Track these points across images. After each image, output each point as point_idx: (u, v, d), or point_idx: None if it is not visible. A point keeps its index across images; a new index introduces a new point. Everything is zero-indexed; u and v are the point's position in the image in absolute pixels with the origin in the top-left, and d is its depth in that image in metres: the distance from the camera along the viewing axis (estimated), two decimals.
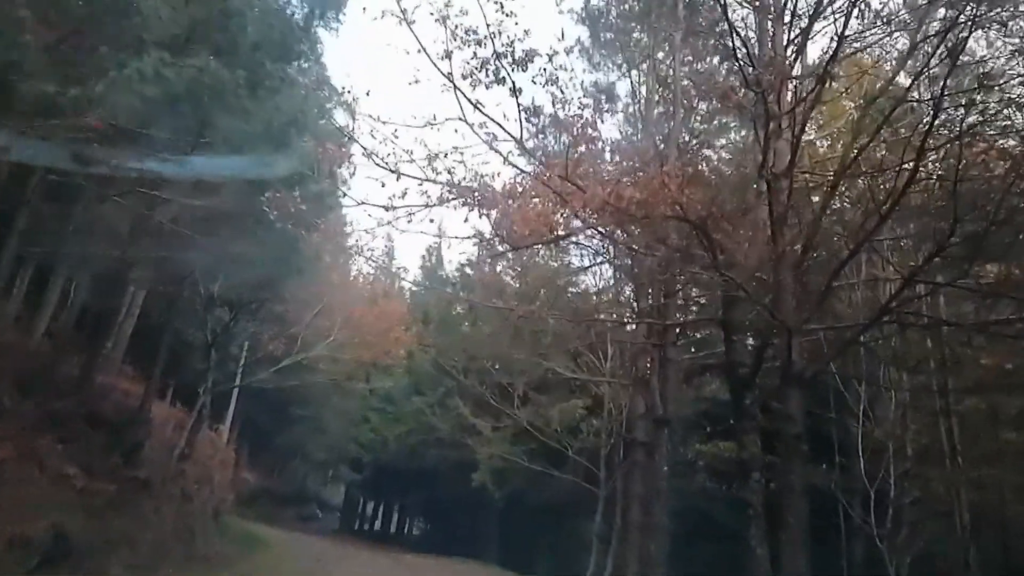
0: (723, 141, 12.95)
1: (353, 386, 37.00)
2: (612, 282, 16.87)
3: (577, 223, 8.55)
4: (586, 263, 14.73)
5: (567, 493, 24.29)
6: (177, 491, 18.33)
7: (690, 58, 11.26)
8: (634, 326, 16.80)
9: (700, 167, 7.94)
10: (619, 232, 9.76)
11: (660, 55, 11.82)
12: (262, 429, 43.97)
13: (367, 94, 17.32)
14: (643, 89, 12.29)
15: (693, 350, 17.30)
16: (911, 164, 6.87)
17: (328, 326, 19.74)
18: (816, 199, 9.06)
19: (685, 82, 10.96)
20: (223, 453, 27.00)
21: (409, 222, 9.98)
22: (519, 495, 25.38)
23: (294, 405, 39.25)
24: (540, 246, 12.36)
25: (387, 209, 9.83)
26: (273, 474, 47.61)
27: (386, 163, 9.77)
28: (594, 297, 19.81)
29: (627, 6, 12.02)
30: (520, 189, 9.19)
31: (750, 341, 11.34)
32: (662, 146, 10.45)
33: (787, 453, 8.26)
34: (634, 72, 11.79)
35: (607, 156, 9.46)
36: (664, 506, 11.59)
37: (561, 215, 8.42)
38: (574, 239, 11.53)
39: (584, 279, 20.83)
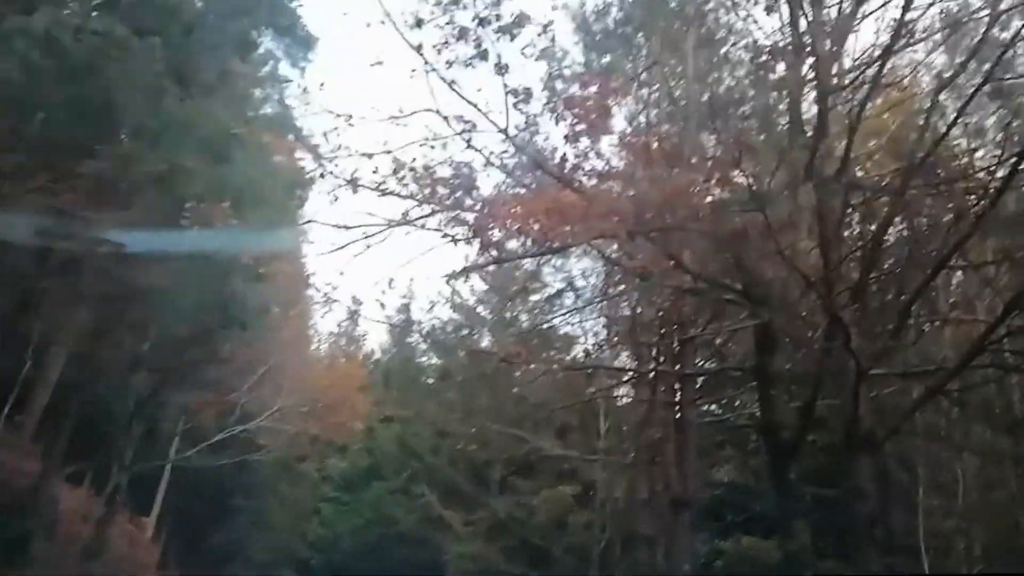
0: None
1: (305, 471, 33.94)
2: (606, 327, 15.07)
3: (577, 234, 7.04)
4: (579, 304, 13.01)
5: None
6: None
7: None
8: (634, 386, 15.06)
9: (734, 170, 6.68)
10: (624, 255, 8.34)
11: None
12: (197, 523, 39.85)
13: (321, 87, 15.77)
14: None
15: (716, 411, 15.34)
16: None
17: (274, 393, 17.52)
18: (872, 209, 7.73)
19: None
20: (145, 551, 23.77)
21: (368, 247, 8.44)
22: None
23: (236, 495, 35.80)
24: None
25: (345, 228, 8.30)
26: None
27: (338, 173, 8.37)
28: (588, 349, 18.01)
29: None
30: (504, 202, 7.78)
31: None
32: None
33: (858, 543, 6.46)
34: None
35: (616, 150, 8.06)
36: None
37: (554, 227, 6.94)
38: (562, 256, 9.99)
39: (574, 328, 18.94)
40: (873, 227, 7.47)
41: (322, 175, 8.17)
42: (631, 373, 13.63)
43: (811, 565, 8.13)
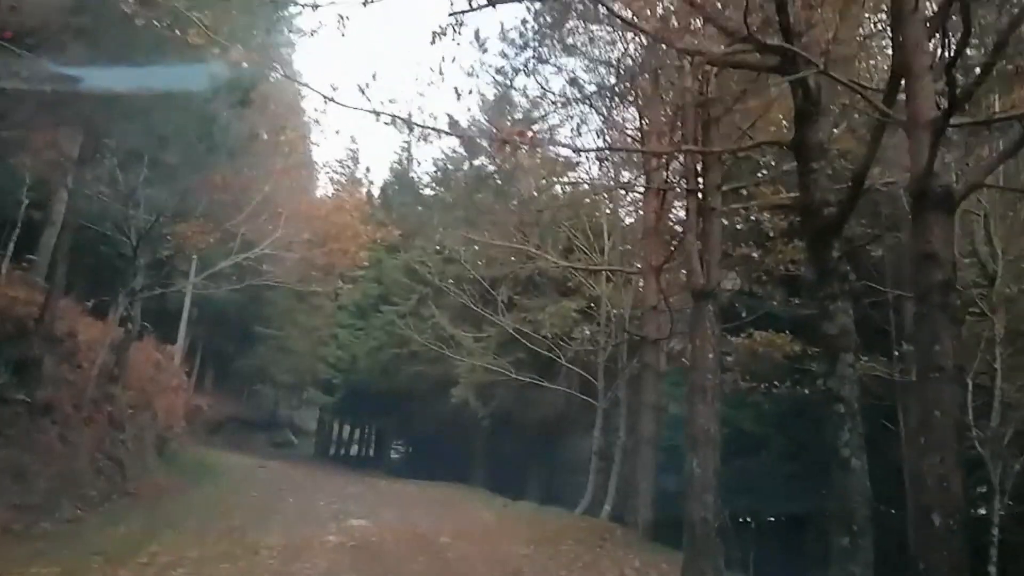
0: None
1: (320, 301, 34.22)
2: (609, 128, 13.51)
3: None
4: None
5: (561, 408, 22.07)
6: (100, 417, 15.56)
7: None
8: (642, 195, 13.84)
9: None
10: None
11: None
12: (225, 353, 41.26)
13: None
14: None
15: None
16: None
17: (273, 222, 16.39)
18: None
19: None
20: (171, 375, 24.22)
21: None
22: (506, 412, 23.13)
23: (257, 324, 36.49)
24: None
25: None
26: (241, 400, 45.49)
27: None
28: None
29: None
30: None
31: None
32: None
33: (930, 310, 5.46)
34: None
35: None
36: (714, 410, 9.07)
37: None
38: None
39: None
40: None
41: None
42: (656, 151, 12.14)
43: (853, 349, 7.31)
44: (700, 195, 9.21)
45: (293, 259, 16.94)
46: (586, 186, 17.66)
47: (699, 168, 9.31)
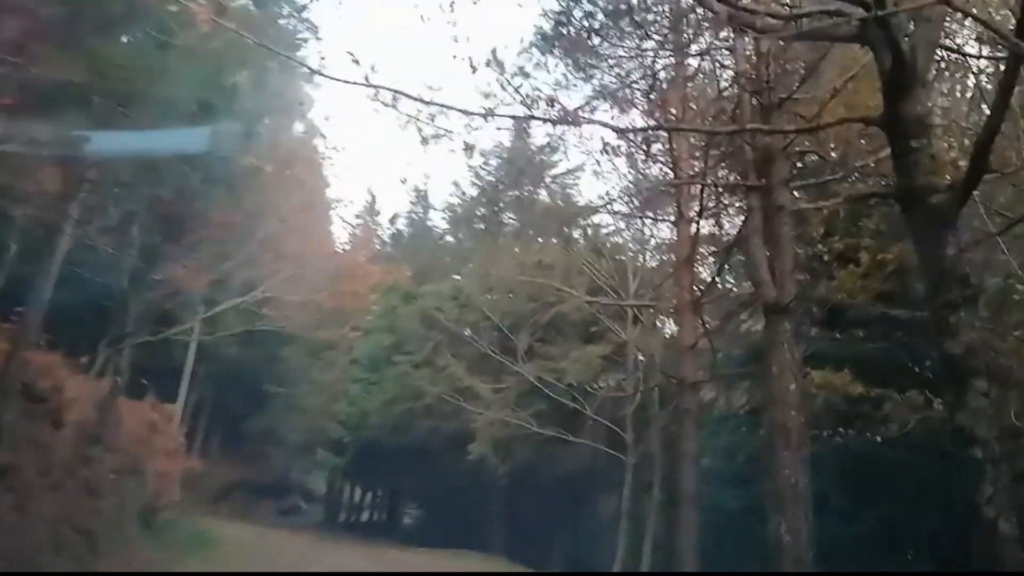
0: None
1: (335, 357, 32.40)
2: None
3: None
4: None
5: (586, 463, 19.78)
6: (72, 483, 13.62)
7: None
8: (674, 224, 12.12)
9: None
10: None
11: None
12: (233, 413, 39.18)
13: None
14: None
15: None
16: None
17: (275, 261, 14.80)
18: None
19: None
20: (167, 438, 22.24)
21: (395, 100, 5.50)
22: (527, 469, 20.81)
23: (269, 382, 34.64)
24: None
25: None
26: (251, 464, 42.99)
27: None
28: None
29: None
30: None
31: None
32: None
33: None
34: None
35: None
36: (802, 457, 7.01)
37: None
38: None
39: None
40: None
41: None
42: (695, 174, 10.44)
43: (984, 373, 5.34)
44: (764, 193, 7.49)
45: (298, 303, 15.23)
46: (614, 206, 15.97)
47: (761, 162, 7.61)
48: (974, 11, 5.40)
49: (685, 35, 8.80)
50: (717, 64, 8.32)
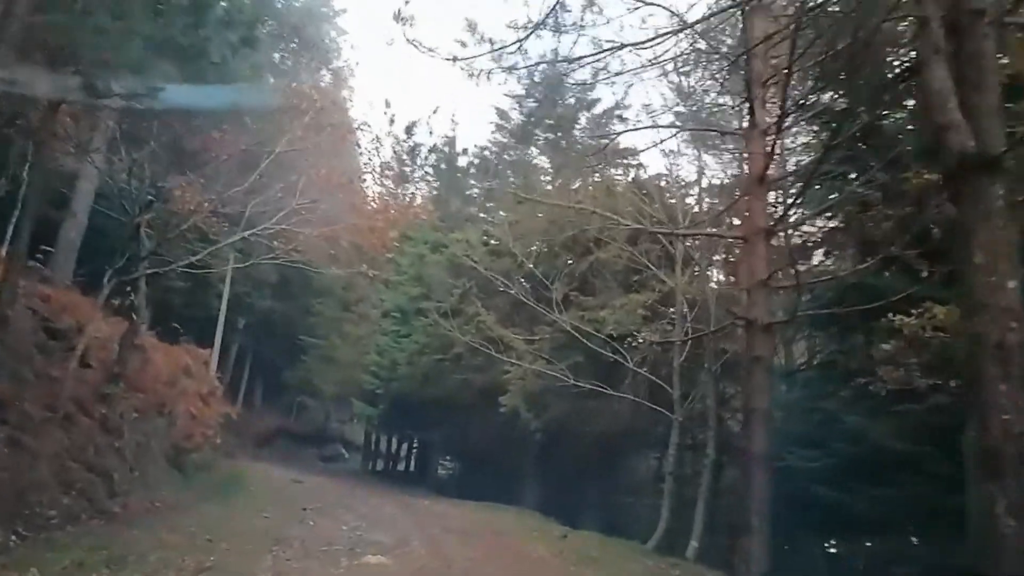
0: None
1: (366, 310, 31.43)
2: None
3: None
4: None
5: (625, 420, 18.06)
6: (86, 421, 12.66)
7: None
8: (744, 137, 10.06)
9: None
10: None
11: None
12: (273, 364, 38.98)
13: None
14: None
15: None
16: None
17: (288, 194, 13.26)
18: None
19: None
20: (201, 381, 21.49)
21: None
22: (562, 425, 19.26)
23: (304, 334, 34.02)
24: None
25: None
26: (291, 413, 42.97)
27: None
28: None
29: None
30: None
31: None
32: None
33: None
34: None
35: None
36: None
37: None
38: None
39: None
40: None
41: None
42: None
43: None
44: None
45: (312, 237, 13.74)
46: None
47: None
48: None
49: None
50: None
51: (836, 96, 8.65)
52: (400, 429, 31.90)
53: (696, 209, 17.42)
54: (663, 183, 17.84)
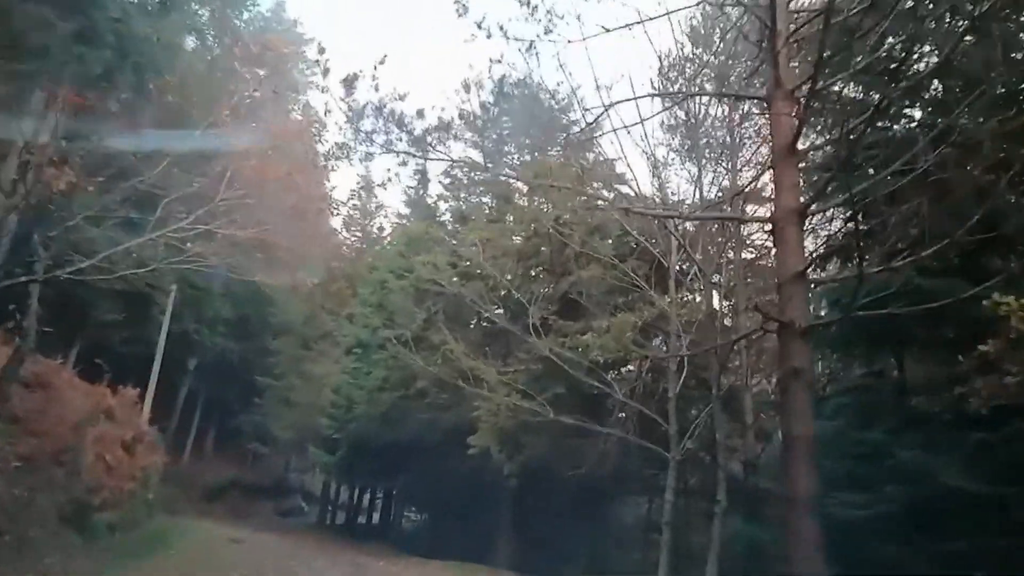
0: None
1: (326, 348, 28.46)
2: None
3: None
4: None
5: (613, 461, 15.46)
6: None
7: None
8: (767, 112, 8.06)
9: None
10: None
11: None
12: (229, 408, 35.31)
13: None
14: None
15: None
16: None
17: (213, 192, 10.68)
18: None
19: None
20: (125, 427, 18.17)
21: None
22: (540, 468, 16.53)
23: (259, 373, 30.75)
24: None
25: None
26: (246, 463, 38.84)
27: None
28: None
29: None
30: None
31: None
32: None
33: None
34: None
35: None
36: None
37: None
38: None
39: None
40: None
41: None
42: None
43: None
44: None
45: (236, 237, 11.09)
46: None
47: None
48: None
49: None
50: None
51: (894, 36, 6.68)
52: (361, 477, 28.42)
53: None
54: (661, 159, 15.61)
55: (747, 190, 10.93)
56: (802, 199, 7.52)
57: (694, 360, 13.73)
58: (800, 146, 7.72)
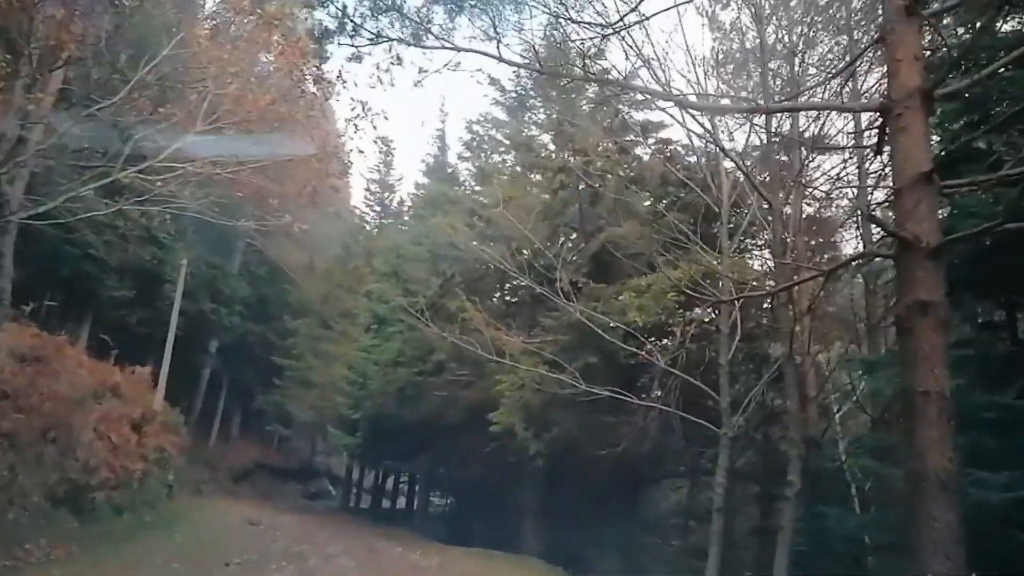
0: None
1: (347, 327, 27.12)
2: None
3: None
4: None
5: (652, 438, 13.60)
6: None
7: None
8: None
9: None
10: None
11: None
12: (253, 391, 34.38)
13: None
14: None
15: None
16: None
17: (186, 120, 9.02)
18: None
19: None
20: (132, 404, 17.00)
21: None
22: (570, 447, 14.71)
23: (279, 355, 29.62)
24: None
25: None
26: (271, 446, 37.98)
27: None
28: None
29: None
30: None
31: None
32: None
33: None
34: None
35: None
36: None
37: None
38: None
39: None
40: None
41: None
42: None
43: None
44: None
45: (223, 178, 9.50)
46: None
47: None
48: None
49: None
50: None
51: None
52: (383, 460, 27.05)
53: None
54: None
55: (857, 63, 8.41)
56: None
57: (745, 328, 11.79)
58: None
